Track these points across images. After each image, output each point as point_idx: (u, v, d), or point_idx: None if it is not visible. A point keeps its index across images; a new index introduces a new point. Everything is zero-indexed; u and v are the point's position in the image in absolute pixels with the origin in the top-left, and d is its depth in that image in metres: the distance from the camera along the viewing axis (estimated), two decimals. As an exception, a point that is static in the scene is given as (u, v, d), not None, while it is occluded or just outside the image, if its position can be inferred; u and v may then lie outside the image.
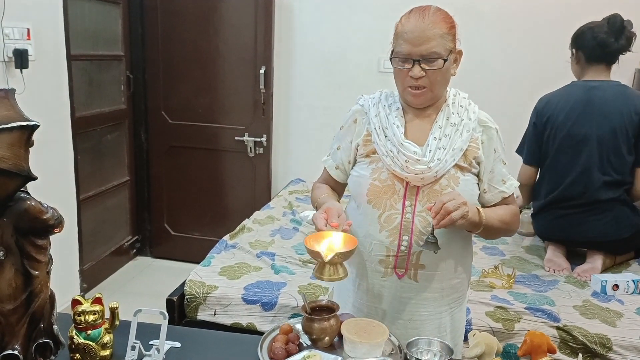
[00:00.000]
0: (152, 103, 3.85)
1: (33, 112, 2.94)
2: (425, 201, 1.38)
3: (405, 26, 1.36)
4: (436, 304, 1.46)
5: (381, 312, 1.47)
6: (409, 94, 1.39)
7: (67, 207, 3.08)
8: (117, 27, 3.65)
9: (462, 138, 1.40)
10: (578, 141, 2.41)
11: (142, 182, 3.98)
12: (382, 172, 1.42)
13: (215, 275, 2.22)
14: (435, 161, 1.37)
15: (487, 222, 1.37)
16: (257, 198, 3.74)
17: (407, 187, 1.39)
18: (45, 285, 0.92)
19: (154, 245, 4.07)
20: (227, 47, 3.65)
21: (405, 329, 1.43)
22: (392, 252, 1.41)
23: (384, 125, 1.43)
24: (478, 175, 1.45)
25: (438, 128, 1.41)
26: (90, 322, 1.19)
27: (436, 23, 1.34)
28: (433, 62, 1.34)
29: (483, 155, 1.43)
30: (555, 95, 2.51)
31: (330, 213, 1.32)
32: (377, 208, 1.41)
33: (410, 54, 1.34)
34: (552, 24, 3.38)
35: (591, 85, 2.42)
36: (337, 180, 1.55)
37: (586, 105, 2.39)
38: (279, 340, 1.29)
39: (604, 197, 2.40)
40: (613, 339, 1.90)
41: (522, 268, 2.49)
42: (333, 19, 3.67)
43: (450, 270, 1.45)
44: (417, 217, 1.39)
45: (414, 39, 1.33)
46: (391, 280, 1.44)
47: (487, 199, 1.47)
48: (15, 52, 2.50)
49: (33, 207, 0.87)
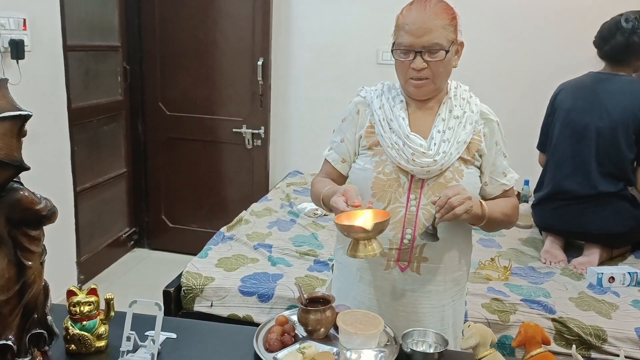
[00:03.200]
0: (149, 94, 3.83)
1: (29, 103, 2.93)
2: (430, 194, 1.37)
3: (406, 18, 1.35)
4: (439, 297, 1.46)
5: (383, 305, 1.46)
6: (411, 86, 1.39)
7: (63, 198, 3.07)
8: (113, 18, 3.62)
9: (465, 131, 1.39)
10: (578, 131, 2.41)
11: (139, 173, 3.97)
12: (386, 165, 1.41)
13: (212, 267, 2.23)
14: (441, 154, 1.36)
15: (490, 215, 1.37)
16: (255, 190, 3.74)
17: (412, 180, 1.39)
18: (39, 275, 0.92)
19: (151, 237, 4.07)
20: (224, 39, 3.63)
21: (408, 322, 1.42)
22: (395, 245, 1.41)
23: (388, 117, 1.42)
24: (480, 167, 1.45)
25: (441, 121, 1.40)
26: (86, 313, 1.19)
27: (438, 14, 1.33)
28: (435, 53, 1.33)
29: (485, 148, 1.42)
30: (569, 83, 2.52)
31: (349, 194, 1.29)
32: (382, 201, 1.40)
33: (412, 46, 1.34)
34: (555, 18, 3.37)
35: (601, 77, 2.42)
36: (343, 173, 1.53)
37: (591, 95, 2.40)
38: (274, 332, 1.28)
39: (603, 190, 2.40)
40: (608, 330, 1.91)
41: (519, 260, 2.50)
42: (331, 10, 3.65)
43: (453, 263, 1.45)
44: (422, 210, 1.38)
45: (415, 30, 1.33)
46: (394, 272, 1.43)
47: (489, 191, 1.47)
48: (11, 43, 2.48)
49: (26, 198, 0.86)
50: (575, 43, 3.20)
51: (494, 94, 3.45)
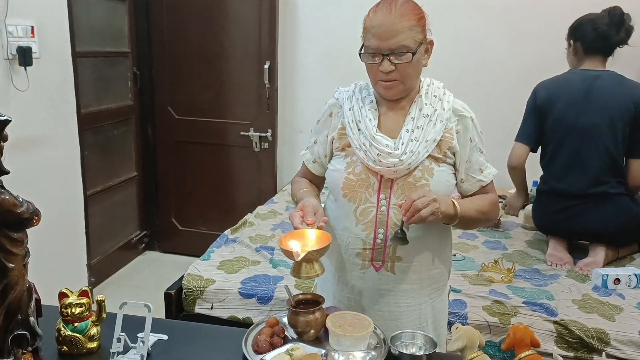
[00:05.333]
0: (159, 99, 3.88)
1: (37, 109, 2.98)
2: (399, 194, 1.38)
3: (372, 21, 1.36)
4: (415, 295, 1.46)
5: (361, 304, 1.47)
6: (381, 87, 1.40)
7: (74, 202, 3.12)
8: (123, 24, 3.68)
9: (435, 129, 1.39)
10: (577, 131, 2.38)
11: (149, 177, 4.03)
12: (356, 165, 1.42)
13: (214, 269, 2.24)
14: (408, 153, 1.36)
15: (463, 213, 1.36)
16: (263, 193, 3.76)
17: (382, 180, 1.40)
18: (22, 277, 0.94)
19: (161, 239, 4.12)
20: (231, 43, 3.66)
21: (385, 321, 1.43)
22: (368, 245, 1.42)
23: (357, 118, 1.43)
24: (454, 165, 1.44)
25: (411, 120, 1.40)
26: (77, 314, 1.21)
27: (404, 15, 1.33)
28: (402, 55, 1.33)
29: (458, 145, 1.42)
30: (553, 81, 2.48)
31: (306, 210, 1.33)
32: (353, 202, 1.42)
33: (378, 49, 1.34)
34: (557, 16, 3.32)
35: (592, 75, 2.39)
36: (315, 173, 1.56)
37: (587, 94, 2.37)
38: (264, 333, 1.29)
39: (604, 188, 2.37)
40: (611, 333, 1.87)
41: (524, 262, 2.47)
42: (337, 13, 3.65)
43: (427, 262, 1.45)
44: (392, 210, 1.39)
45: (381, 34, 1.33)
46: (369, 272, 1.44)
47: (465, 188, 1.47)
48: (19, 50, 2.53)
49: (6, 201, 0.88)
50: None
51: (501, 95, 3.44)
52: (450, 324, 1.71)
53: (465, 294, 2.10)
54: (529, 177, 2.61)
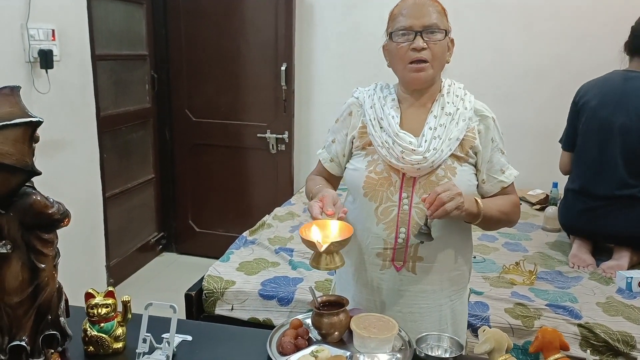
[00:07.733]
0: (176, 102, 3.91)
1: (58, 111, 3.01)
2: (422, 192, 1.36)
3: (402, 6, 1.39)
4: (435, 296, 1.44)
5: (380, 305, 1.46)
6: (410, 71, 1.38)
7: (93, 204, 3.15)
8: (141, 27, 3.72)
9: (458, 127, 1.38)
10: (607, 131, 2.34)
11: (167, 179, 4.05)
12: (378, 164, 1.41)
13: (233, 271, 2.25)
14: (431, 151, 1.35)
15: (486, 212, 1.35)
16: (280, 194, 3.76)
17: (404, 178, 1.38)
18: (52, 278, 0.95)
19: (179, 241, 4.14)
20: (248, 45, 3.68)
21: (405, 322, 1.41)
22: (389, 244, 1.40)
23: (379, 116, 1.42)
24: (476, 165, 1.43)
25: (433, 118, 1.39)
26: (103, 314, 1.21)
27: (433, 1, 1.39)
28: (434, 34, 1.35)
29: (480, 145, 1.40)
30: (594, 81, 2.46)
31: (326, 201, 1.30)
32: (374, 201, 1.40)
33: (411, 27, 1.35)
34: (582, 16, 3.29)
35: (630, 76, 2.35)
36: (332, 172, 1.55)
37: (622, 95, 2.33)
38: (288, 335, 1.29)
39: (631, 192, 2.32)
40: (637, 336, 1.85)
41: (545, 264, 2.44)
42: (353, 15, 3.65)
43: (449, 262, 1.43)
44: (414, 209, 1.37)
45: (414, 13, 1.36)
46: (389, 272, 1.43)
47: (487, 189, 1.45)
48: (40, 53, 2.56)
49: (38, 202, 0.89)
50: (602, 42, 3.12)
51: (520, 95, 3.41)
52: (471, 326, 1.69)
53: (487, 296, 2.08)
54: (548, 179, 2.58)
